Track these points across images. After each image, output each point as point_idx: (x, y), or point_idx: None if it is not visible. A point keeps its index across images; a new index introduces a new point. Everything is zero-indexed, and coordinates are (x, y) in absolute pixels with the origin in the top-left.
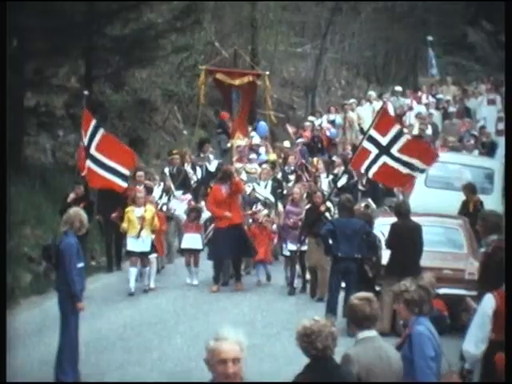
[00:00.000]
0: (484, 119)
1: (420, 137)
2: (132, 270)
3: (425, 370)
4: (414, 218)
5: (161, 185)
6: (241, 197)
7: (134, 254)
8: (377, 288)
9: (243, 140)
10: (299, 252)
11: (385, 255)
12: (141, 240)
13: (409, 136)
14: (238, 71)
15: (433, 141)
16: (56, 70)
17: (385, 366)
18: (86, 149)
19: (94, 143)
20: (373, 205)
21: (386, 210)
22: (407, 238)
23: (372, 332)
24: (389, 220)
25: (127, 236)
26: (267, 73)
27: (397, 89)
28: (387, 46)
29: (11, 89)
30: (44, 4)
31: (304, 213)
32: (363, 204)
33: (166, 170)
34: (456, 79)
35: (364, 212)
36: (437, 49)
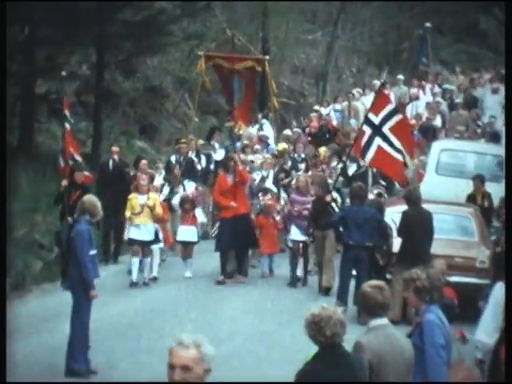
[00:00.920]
0: (488, 108)
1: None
2: (134, 261)
3: (435, 358)
4: (425, 206)
5: (162, 173)
6: (248, 187)
7: (136, 243)
8: (388, 276)
9: (247, 129)
10: (303, 243)
11: (396, 243)
12: (144, 228)
13: (401, 116)
14: (238, 56)
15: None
16: (67, 58)
17: (396, 354)
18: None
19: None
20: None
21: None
22: (418, 226)
23: (384, 320)
24: (400, 208)
25: (129, 225)
26: (267, 57)
27: (399, 77)
28: (399, 34)
29: (22, 76)
30: None
31: (311, 204)
32: (375, 191)
33: (173, 159)
34: (464, 68)
35: (376, 200)
36: (448, 36)
